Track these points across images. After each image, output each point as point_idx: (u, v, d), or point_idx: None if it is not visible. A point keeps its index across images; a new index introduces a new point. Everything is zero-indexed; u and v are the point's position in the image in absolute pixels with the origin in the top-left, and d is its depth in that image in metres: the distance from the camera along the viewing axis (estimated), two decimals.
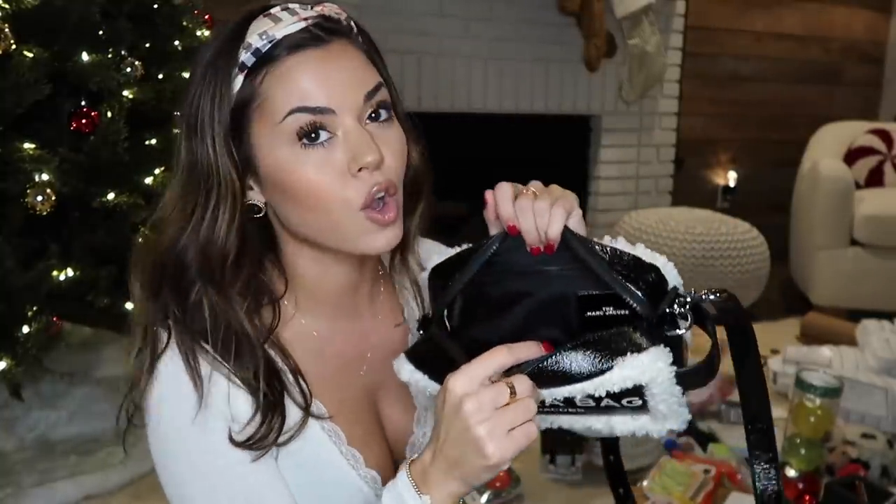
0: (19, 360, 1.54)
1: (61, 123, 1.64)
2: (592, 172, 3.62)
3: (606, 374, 0.62)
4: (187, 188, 0.70)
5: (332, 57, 0.68)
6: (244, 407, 0.70)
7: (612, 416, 0.68)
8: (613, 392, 0.62)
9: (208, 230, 0.69)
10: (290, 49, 0.67)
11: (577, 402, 0.65)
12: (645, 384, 0.62)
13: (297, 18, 0.68)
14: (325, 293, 0.78)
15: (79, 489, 1.75)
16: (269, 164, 0.69)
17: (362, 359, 0.82)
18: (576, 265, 0.67)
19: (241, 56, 0.67)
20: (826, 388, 1.46)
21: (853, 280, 3.19)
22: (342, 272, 0.78)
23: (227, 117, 0.68)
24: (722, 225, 3.04)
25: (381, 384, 0.83)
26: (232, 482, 0.70)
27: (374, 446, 0.80)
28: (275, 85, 0.67)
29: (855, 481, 1.57)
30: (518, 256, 0.69)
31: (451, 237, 0.84)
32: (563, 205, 0.67)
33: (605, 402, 0.64)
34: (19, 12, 1.52)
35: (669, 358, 0.62)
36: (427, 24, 2.96)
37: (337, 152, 0.68)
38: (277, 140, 0.68)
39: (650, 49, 3.33)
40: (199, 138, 0.69)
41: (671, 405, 0.63)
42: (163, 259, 0.71)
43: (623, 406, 0.65)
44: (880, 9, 4.35)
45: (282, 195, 0.70)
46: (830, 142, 3.62)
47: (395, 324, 0.86)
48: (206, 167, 0.69)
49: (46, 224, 1.58)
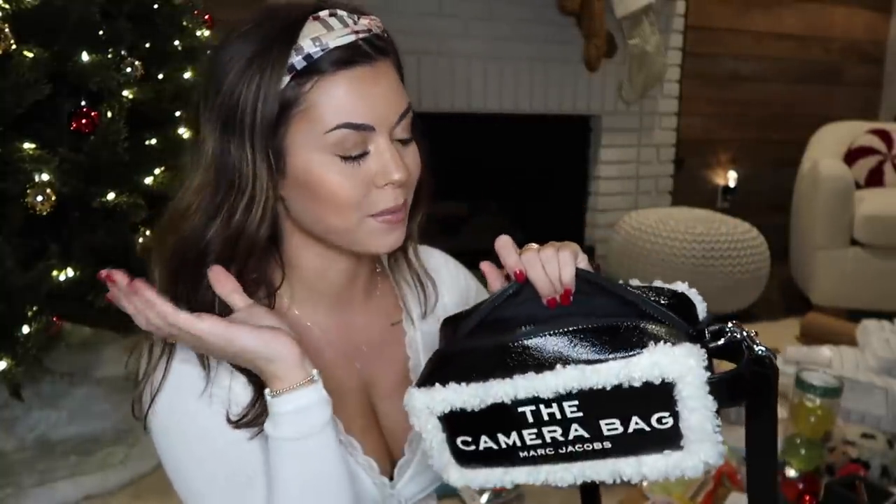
0: (19, 360, 1.54)
1: (61, 123, 1.64)
2: (592, 172, 3.62)
3: (635, 357, 0.59)
4: (217, 179, 0.71)
5: (378, 76, 0.70)
6: (242, 392, 0.72)
7: (642, 455, 0.63)
8: (640, 384, 0.59)
9: (239, 225, 0.70)
10: (341, 63, 0.68)
11: (603, 431, 0.62)
12: (674, 380, 0.58)
13: (348, 30, 0.69)
14: (324, 286, 0.80)
15: (79, 489, 1.75)
16: (300, 165, 0.70)
17: (357, 353, 0.84)
18: (599, 300, 0.65)
19: (293, 58, 0.67)
20: (826, 388, 1.46)
21: (853, 280, 3.19)
22: (342, 267, 0.80)
23: (271, 117, 0.68)
24: (722, 225, 3.05)
25: (375, 378, 0.85)
26: (230, 461, 0.71)
27: (370, 437, 0.82)
28: (323, 96, 0.68)
29: (855, 481, 1.57)
30: (532, 308, 0.67)
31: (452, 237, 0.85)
32: (569, 249, 0.67)
33: (633, 423, 0.60)
34: (19, 12, 1.51)
35: (703, 359, 0.59)
36: (427, 23, 2.96)
37: (368, 166, 0.70)
38: (314, 146, 0.69)
39: (650, 49, 3.33)
40: (236, 133, 0.69)
41: (704, 420, 0.59)
42: (184, 246, 0.71)
43: (654, 430, 0.61)
44: (880, 9, 4.35)
45: (304, 194, 0.71)
46: (830, 142, 3.62)
47: (390, 322, 0.87)
48: (240, 163, 0.69)
49: (46, 224, 1.58)
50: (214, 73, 0.70)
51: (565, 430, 0.63)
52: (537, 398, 0.62)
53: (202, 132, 0.72)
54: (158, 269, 0.73)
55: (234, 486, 0.71)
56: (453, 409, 0.65)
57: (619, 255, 3.19)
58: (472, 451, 0.67)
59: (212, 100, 0.70)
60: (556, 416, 0.63)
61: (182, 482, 0.72)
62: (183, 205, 0.72)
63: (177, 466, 0.72)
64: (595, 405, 0.61)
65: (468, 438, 0.67)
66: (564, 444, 0.64)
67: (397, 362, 0.87)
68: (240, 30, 0.71)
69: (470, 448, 0.67)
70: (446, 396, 0.65)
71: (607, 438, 0.62)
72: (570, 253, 0.67)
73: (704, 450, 0.60)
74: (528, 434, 0.64)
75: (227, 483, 0.71)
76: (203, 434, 0.71)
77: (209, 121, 0.71)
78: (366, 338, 0.85)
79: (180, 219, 0.72)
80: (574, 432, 0.63)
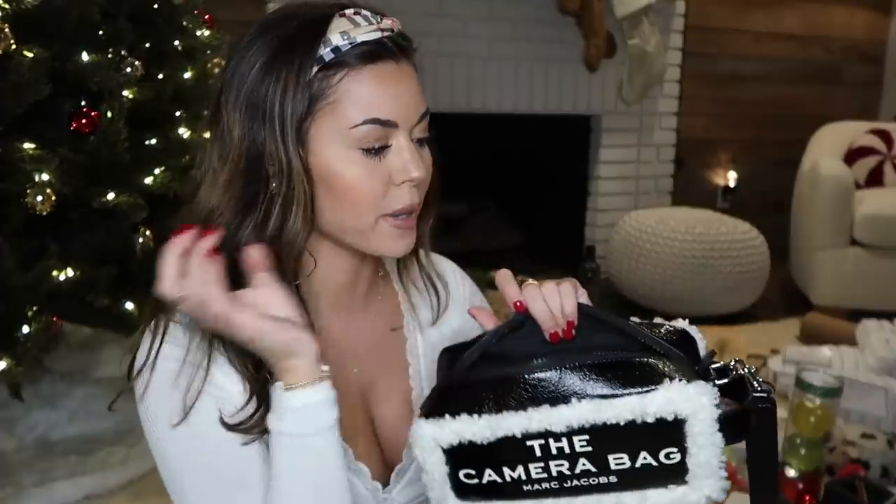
0: (19, 360, 1.54)
1: (61, 123, 1.64)
2: (592, 172, 3.62)
3: (650, 394, 0.60)
4: (246, 175, 0.69)
5: (403, 74, 0.71)
6: (237, 391, 0.71)
7: (646, 489, 0.63)
8: (653, 420, 0.60)
9: (276, 225, 0.69)
10: (369, 58, 0.69)
11: (611, 465, 0.62)
12: (686, 417, 0.59)
13: (374, 27, 0.69)
14: (326, 287, 0.79)
15: (79, 489, 1.75)
16: (321, 159, 0.70)
17: (355, 357, 0.83)
18: (601, 334, 0.65)
19: (321, 50, 0.68)
20: (826, 388, 1.46)
21: (853, 280, 3.19)
22: (346, 269, 0.79)
23: (302, 109, 0.68)
24: (722, 225, 3.05)
25: (373, 383, 0.84)
26: (220, 462, 0.70)
27: (363, 441, 0.81)
28: (352, 90, 0.68)
29: (855, 481, 1.57)
30: (534, 343, 0.66)
31: (452, 237, 0.85)
32: (569, 283, 0.67)
33: (641, 458, 0.61)
34: (19, 12, 1.51)
35: (715, 397, 0.60)
36: (427, 23, 2.96)
37: (388, 163, 0.71)
38: (338, 140, 0.69)
39: (650, 49, 3.33)
40: (266, 125, 0.68)
41: (711, 457, 0.61)
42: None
43: (661, 465, 0.62)
44: (880, 9, 4.35)
45: (324, 189, 0.71)
46: (830, 142, 3.62)
47: (390, 327, 0.86)
48: (274, 157, 0.68)
49: (46, 224, 1.58)
50: (238, 66, 0.70)
51: (572, 464, 0.63)
52: (549, 432, 0.62)
53: (226, 124, 0.70)
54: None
55: (224, 486, 0.70)
56: (462, 441, 0.64)
57: (619, 255, 3.19)
58: (474, 485, 0.66)
59: (235, 92, 0.70)
60: (565, 450, 0.63)
61: (171, 479, 0.72)
62: (208, 206, 0.70)
63: (168, 464, 0.72)
64: (605, 440, 0.62)
65: (472, 471, 0.65)
66: (570, 478, 0.64)
67: (397, 368, 0.86)
68: (263, 24, 0.71)
69: (472, 481, 0.66)
70: (456, 428, 0.64)
71: (614, 473, 0.63)
72: (570, 286, 0.67)
73: (709, 485, 0.62)
74: (535, 468, 0.64)
75: (217, 482, 0.70)
76: (195, 432, 0.70)
77: (233, 111, 0.70)
78: (364, 341, 0.84)
79: (203, 221, 0.69)
80: (581, 466, 0.63)
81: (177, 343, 0.71)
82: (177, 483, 0.72)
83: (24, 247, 1.57)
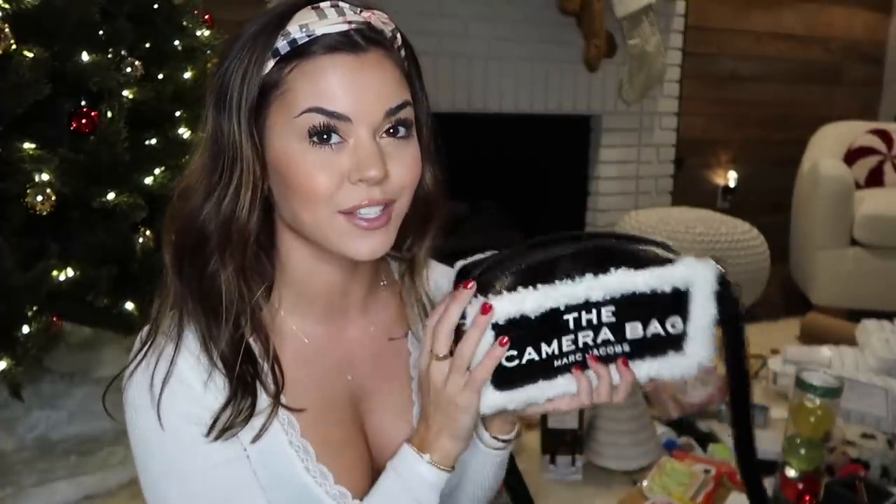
0: (19, 360, 1.54)
1: (61, 123, 1.64)
2: (592, 172, 3.62)
3: (670, 266, 0.73)
4: (212, 159, 0.71)
5: (365, 66, 0.68)
6: (200, 384, 0.72)
7: (650, 358, 0.75)
8: (671, 289, 0.72)
9: (229, 210, 0.70)
10: (325, 49, 0.68)
11: (626, 334, 0.73)
12: (692, 288, 0.73)
13: (342, 20, 0.68)
14: (313, 291, 0.78)
15: (79, 489, 1.75)
16: (277, 152, 0.70)
17: (349, 365, 0.82)
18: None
19: (278, 42, 0.68)
20: (826, 388, 1.45)
21: (853, 280, 3.19)
22: (331, 272, 0.77)
23: (253, 97, 0.69)
24: (722, 225, 3.04)
25: (368, 392, 0.83)
26: (207, 483, 0.71)
27: (349, 451, 0.80)
28: (300, 79, 0.68)
29: (855, 481, 1.57)
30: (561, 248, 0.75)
31: (451, 237, 0.84)
32: None
33: (652, 326, 0.73)
34: (19, 12, 1.52)
35: (716, 272, 0.74)
36: (427, 23, 2.96)
37: (343, 157, 0.69)
38: (289, 132, 0.69)
39: (650, 49, 3.33)
40: (225, 112, 0.70)
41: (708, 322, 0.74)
42: (184, 227, 0.72)
43: (666, 334, 0.74)
44: (880, 9, 4.35)
45: (281, 184, 0.71)
46: (830, 142, 3.62)
47: (389, 337, 0.85)
48: (230, 143, 0.70)
49: (46, 224, 1.58)
50: (221, 60, 0.72)
51: (596, 334, 0.73)
52: (587, 302, 0.72)
53: (205, 113, 0.73)
54: (167, 253, 0.73)
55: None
56: (516, 315, 0.70)
57: None
58: (513, 368, 0.72)
59: (211, 81, 0.72)
60: (593, 321, 0.72)
61: (155, 497, 0.74)
62: (184, 185, 0.73)
63: (154, 480, 0.74)
64: (627, 309, 0.73)
65: (513, 353, 0.71)
66: (593, 348, 0.74)
67: (397, 379, 0.85)
68: (251, 19, 0.72)
69: (513, 364, 0.72)
70: (517, 299, 0.70)
71: (627, 342, 0.74)
72: None
73: (700, 353, 0.75)
74: (567, 340, 0.72)
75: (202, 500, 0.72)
76: (182, 452, 0.71)
77: (209, 101, 0.72)
78: (360, 350, 0.83)
79: (181, 199, 0.73)
80: (602, 336, 0.73)
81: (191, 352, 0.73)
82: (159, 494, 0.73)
83: (24, 247, 1.57)
